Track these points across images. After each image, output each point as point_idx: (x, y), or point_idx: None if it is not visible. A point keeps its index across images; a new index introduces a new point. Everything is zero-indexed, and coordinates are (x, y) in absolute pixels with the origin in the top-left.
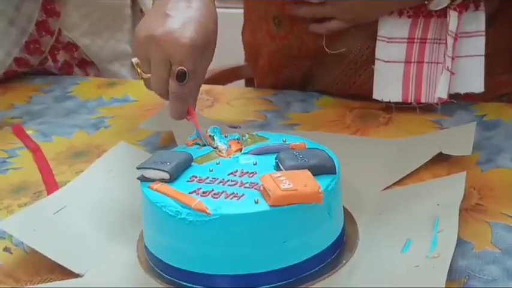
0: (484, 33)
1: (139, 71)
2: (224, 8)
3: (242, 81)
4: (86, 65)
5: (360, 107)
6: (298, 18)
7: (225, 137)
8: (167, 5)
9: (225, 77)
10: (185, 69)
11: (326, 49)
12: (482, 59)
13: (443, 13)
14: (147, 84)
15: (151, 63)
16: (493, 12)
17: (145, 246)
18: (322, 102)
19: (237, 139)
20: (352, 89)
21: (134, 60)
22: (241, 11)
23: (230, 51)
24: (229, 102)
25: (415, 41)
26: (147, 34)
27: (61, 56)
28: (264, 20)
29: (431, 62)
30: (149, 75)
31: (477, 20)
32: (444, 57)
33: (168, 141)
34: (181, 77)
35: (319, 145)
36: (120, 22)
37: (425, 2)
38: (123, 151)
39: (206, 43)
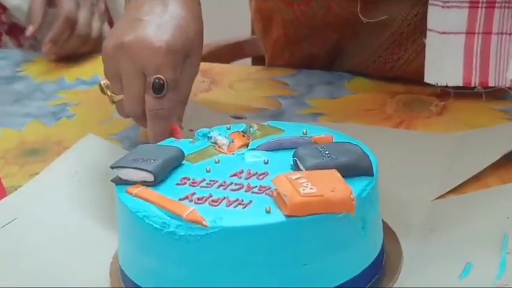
0: None
1: (109, 93)
2: None
3: (247, 61)
4: (18, 32)
5: (404, 92)
6: None
7: (227, 128)
8: (139, 9)
9: (225, 54)
10: (162, 77)
11: (361, 17)
12: None
13: None
14: (120, 108)
15: (122, 78)
16: None
17: (121, 270)
18: (354, 86)
19: (242, 131)
20: (395, 69)
21: (103, 82)
22: None
23: (232, 21)
24: (231, 85)
25: (480, 5)
26: (115, 43)
27: None
28: None
29: (502, 33)
30: (121, 96)
31: None
32: None
33: None
34: (157, 87)
35: (351, 138)
36: None
37: None
38: (92, 147)
39: (187, 48)
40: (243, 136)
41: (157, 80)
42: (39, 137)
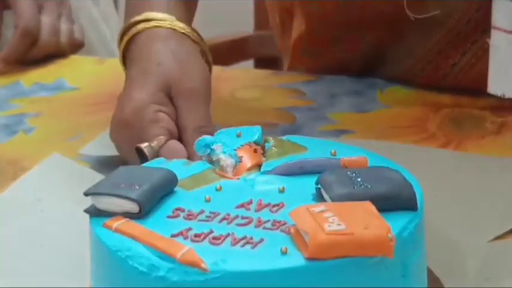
0: None
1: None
2: None
3: (249, 63)
4: None
5: (452, 105)
6: None
7: (237, 136)
8: (128, 74)
9: (222, 54)
10: (142, 147)
11: (408, 12)
12: None
13: None
14: (169, 151)
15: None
16: None
17: None
18: (388, 96)
19: (255, 142)
20: (450, 78)
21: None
22: None
23: (230, 13)
24: (233, 93)
25: None
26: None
27: None
28: None
29: None
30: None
31: None
32: None
33: None
34: (141, 157)
35: (391, 161)
36: None
37: None
38: (57, 169)
39: (173, 94)
40: (255, 151)
41: (138, 152)
42: None
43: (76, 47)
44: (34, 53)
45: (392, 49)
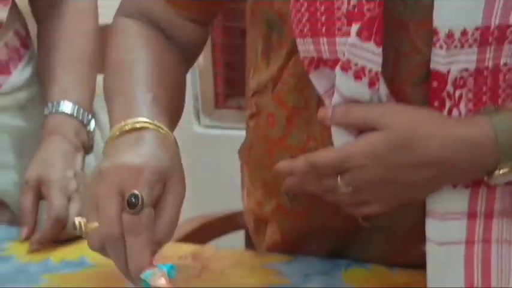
0: None
1: (82, 227)
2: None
3: (241, 235)
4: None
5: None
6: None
7: None
8: (115, 148)
9: (217, 227)
10: (138, 193)
11: (362, 222)
12: None
13: None
14: (94, 238)
15: (99, 203)
16: None
17: None
18: (352, 276)
19: None
20: (398, 262)
21: (76, 219)
22: None
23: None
24: (223, 271)
25: (478, 215)
26: (94, 175)
27: None
28: (272, 190)
29: (502, 241)
30: (96, 223)
31: None
32: None
33: None
34: (133, 202)
35: None
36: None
37: (485, 178)
38: None
39: (163, 170)
40: None
41: (132, 196)
42: None
43: None
44: (63, 235)
45: (349, 248)
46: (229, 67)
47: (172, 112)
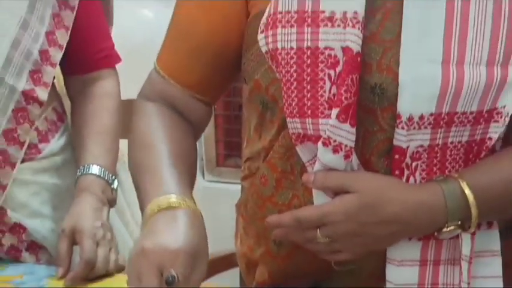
0: (499, 253)
1: None
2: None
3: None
4: (36, 248)
5: None
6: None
7: None
8: (155, 224)
9: (217, 266)
10: (175, 273)
11: (335, 266)
12: (500, 280)
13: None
14: None
15: (142, 279)
16: (507, 225)
17: None
18: None
19: None
20: None
21: None
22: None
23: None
24: None
25: (428, 263)
26: (137, 250)
27: (7, 239)
28: (263, 238)
29: (447, 285)
30: None
31: (491, 240)
32: (460, 283)
33: None
34: (171, 281)
35: None
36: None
37: (435, 234)
38: None
39: (195, 251)
40: None
41: (170, 276)
42: None
43: (119, 269)
44: (92, 275)
45: (327, 284)
46: (228, 134)
47: (192, 181)
